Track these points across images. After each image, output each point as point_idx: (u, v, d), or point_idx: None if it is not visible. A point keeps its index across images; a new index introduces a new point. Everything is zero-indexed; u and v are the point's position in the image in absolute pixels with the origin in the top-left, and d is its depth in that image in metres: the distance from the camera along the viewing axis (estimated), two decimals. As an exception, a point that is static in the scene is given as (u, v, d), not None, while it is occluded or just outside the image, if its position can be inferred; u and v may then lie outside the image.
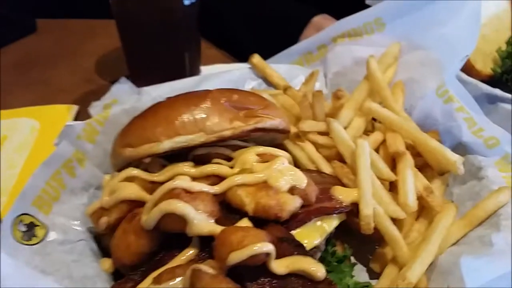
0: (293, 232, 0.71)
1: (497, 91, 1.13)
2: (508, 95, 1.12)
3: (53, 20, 1.82)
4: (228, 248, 0.63)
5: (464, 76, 1.19)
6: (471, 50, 1.01)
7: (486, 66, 1.28)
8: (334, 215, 0.76)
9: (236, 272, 0.65)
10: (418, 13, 1.13)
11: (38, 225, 0.76)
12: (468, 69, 1.24)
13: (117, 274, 0.76)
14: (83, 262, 0.76)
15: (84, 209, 0.83)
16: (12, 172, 1.17)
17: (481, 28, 1.30)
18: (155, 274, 0.66)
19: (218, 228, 0.67)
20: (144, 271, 0.69)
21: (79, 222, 0.82)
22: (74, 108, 1.34)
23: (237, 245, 0.63)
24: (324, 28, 1.27)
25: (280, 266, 0.65)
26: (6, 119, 1.32)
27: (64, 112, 1.32)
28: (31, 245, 0.74)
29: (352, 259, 0.86)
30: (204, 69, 1.45)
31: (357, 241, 0.85)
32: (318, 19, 1.40)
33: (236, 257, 0.63)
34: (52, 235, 0.77)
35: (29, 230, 0.75)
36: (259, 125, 0.81)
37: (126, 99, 1.05)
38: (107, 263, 0.77)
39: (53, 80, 1.54)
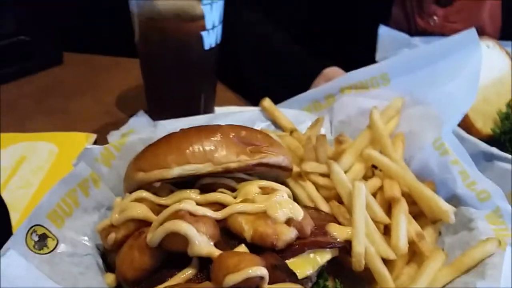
0: (287, 261, 0.75)
1: (494, 150, 1.18)
2: (504, 154, 1.17)
3: (80, 54, 1.93)
4: (225, 271, 0.68)
5: (463, 133, 1.25)
6: (468, 107, 1.08)
7: (486, 126, 1.33)
8: (328, 249, 0.80)
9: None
10: (422, 72, 1.20)
11: (50, 237, 0.81)
12: (468, 127, 1.30)
13: (119, 289, 0.81)
14: (88, 275, 0.80)
15: (94, 226, 0.88)
16: (27, 191, 1.23)
17: (483, 90, 1.38)
18: (155, 289, 0.71)
19: (216, 251, 0.72)
20: (144, 286, 0.74)
21: (88, 238, 0.87)
22: (93, 136, 1.41)
23: (233, 268, 0.68)
24: (333, 79, 1.35)
25: (272, 291, 0.69)
26: (27, 141, 1.40)
27: (83, 140, 1.39)
28: (42, 254, 0.79)
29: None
30: (218, 110, 1.53)
31: (350, 280, 0.88)
32: (329, 70, 1.48)
33: (232, 279, 0.67)
34: (62, 247, 0.82)
35: (41, 241, 0.80)
36: (263, 160, 0.87)
37: (142, 130, 1.12)
38: (111, 277, 0.82)
39: (74, 110, 1.62)
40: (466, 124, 1.31)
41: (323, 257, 0.79)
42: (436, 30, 1.84)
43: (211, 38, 1.32)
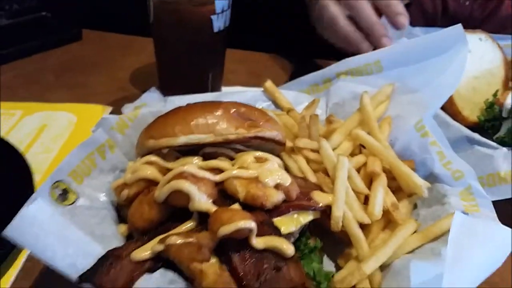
0: (273, 219, 0.87)
1: (476, 135, 1.29)
2: (485, 140, 1.27)
3: (98, 32, 2.05)
4: (219, 223, 0.80)
5: (449, 119, 1.35)
6: (448, 96, 1.18)
7: (473, 114, 1.44)
8: (310, 211, 0.92)
9: (224, 245, 0.82)
10: (412, 63, 1.30)
11: (71, 191, 0.94)
12: (454, 114, 1.41)
13: (129, 238, 0.94)
14: (103, 225, 0.92)
15: (109, 185, 1.01)
16: (48, 156, 1.36)
17: (473, 81, 1.48)
18: (160, 237, 0.83)
19: (213, 207, 0.84)
20: (152, 235, 0.86)
21: (104, 194, 0.99)
22: (108, 108, 1.54)
23: (227, 221, 0.80)
24: None
25: (258, 242, 0.81)
26: (48, 111, 1.53)
27: (99, 111, 1.52)
28: (64, 206, 0.91)
29: (325, 257, 1.02)
30: (225, 89, 1.64)
31: (330, 241, 1.00)
32: None
33: (225, 230, 0.79)
34: (81, 201, 0.94)
35: (63, 194, 0.92)
36: (259, 134, 0.99)
37: (153, 104, 1.24)
38: (123, 227, 0.94)
39: (91, 84, 1.74)
40: (453, 111, 1.42)
41: (305, 218, 0.91)
42: (465, 11, 1.87)
43: (220, 22, 1.43)
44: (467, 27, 1.24)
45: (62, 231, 0.84)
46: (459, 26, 1.22)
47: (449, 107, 1.41)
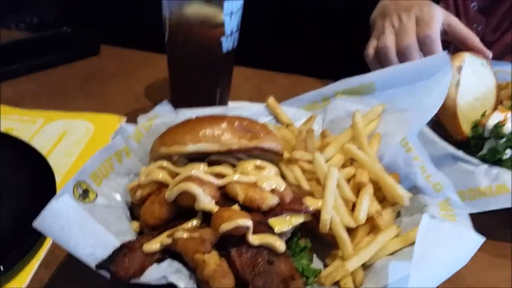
0: (268, 220, 0.99)
1: (459, 153, 1.38)
2: (467, 157, 1.37)
3: (115, 48, 2.18)
4: (220, 220, 0.92)
5: (436, 138, 1.46)
6: (430, 117, 1.30)
7: (468, 130, 1.54)
8: (301, 214, 1.04)
9: (224, 241, 0.94)
10: (403, 83, 1.42)
11: (91, 191, 1.06)
12: (456, 128, 1.51)
13: (141, 233, 1.06)
14: (119, 222, 1.04)
15: (124, 187, 1.13)
16: (68, 160, 1.49)
17: (473, 101, 1.56)
18: (168, 232, 0.95)
19: (216, 208, 0.96)
20: (161, 231, 0.98)
21: (119, 195, 1.11)
22: (123, 118, 1.67)
23: (227, 219, 0.92)
24: None
25: (254, 239, 0.93)
26: (68, 119, 1.66)
27: (115, 121, 1.65)
28: (85, 203, 1.03)
29: (315, 256, 1.13)
30: (231, 104, 1.77)
31: (319, 243, 1.12)
32: None
33: (225, 227, 0.91)
34: (100, 200, 1.06)
35: (84, 193, 1.04)
36: (259, 145, 1.11)
37: (166, 115, 1.36)
38: (135, 224, 1.06)
39: (108, 95, 1.86)
40: (455, 126, 1.51)
41: (297, 220, 1.03)
42: (478, 35, 1.88)
43: (229, 43, 1.55)
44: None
45: (84, 224, 0.96)
46: (444, 53, 1.35)
47: (452, 122, 1.51)
